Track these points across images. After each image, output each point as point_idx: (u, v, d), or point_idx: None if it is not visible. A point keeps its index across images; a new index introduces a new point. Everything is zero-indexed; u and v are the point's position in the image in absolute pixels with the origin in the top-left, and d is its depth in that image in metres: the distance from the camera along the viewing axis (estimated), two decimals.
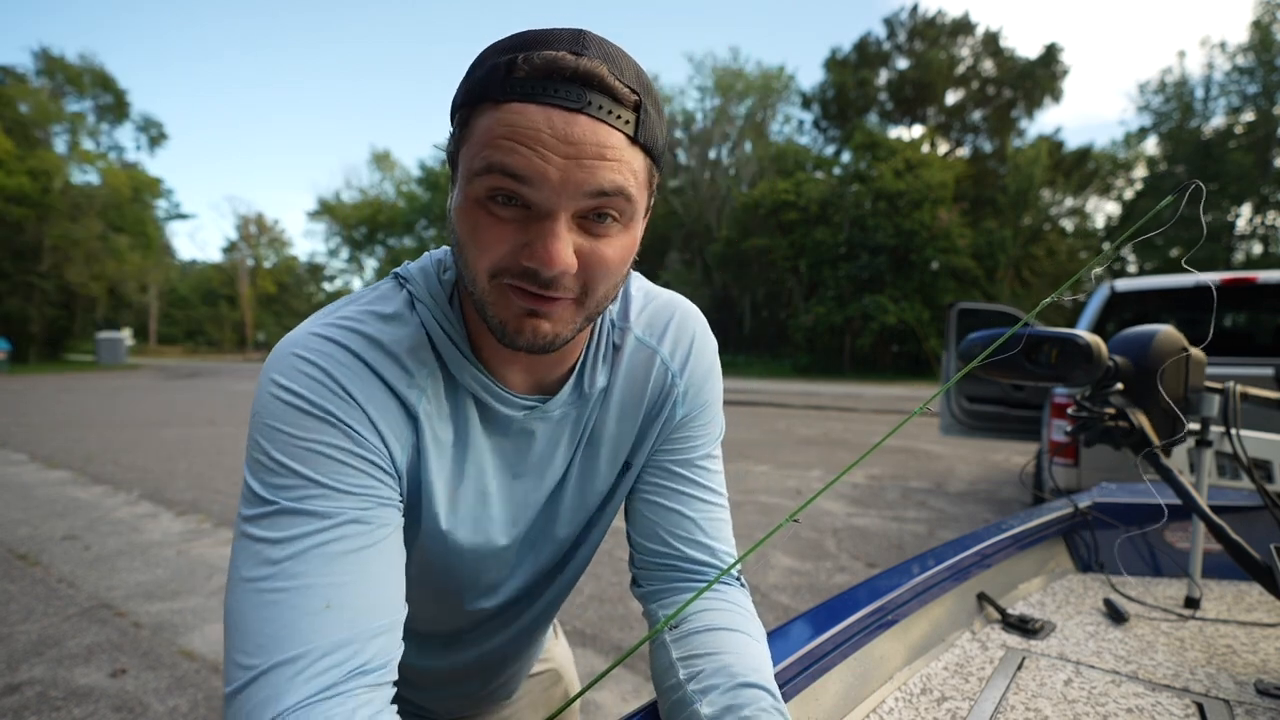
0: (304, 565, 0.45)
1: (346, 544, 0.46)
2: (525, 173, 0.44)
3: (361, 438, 0.50)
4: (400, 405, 0.53)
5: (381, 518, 0.49)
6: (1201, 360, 0.91)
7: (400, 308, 0.55)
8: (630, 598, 3.19)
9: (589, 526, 0.69)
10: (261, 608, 0.44)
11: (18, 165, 27.81)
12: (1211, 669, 0.73)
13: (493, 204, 0.46)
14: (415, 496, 0.56)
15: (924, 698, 0.67)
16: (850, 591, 0.79)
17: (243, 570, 0.45)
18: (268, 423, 0.48)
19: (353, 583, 0.46)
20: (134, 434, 8.77)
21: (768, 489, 5.66)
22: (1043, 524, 1.08)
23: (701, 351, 0.67)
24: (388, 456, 0.52)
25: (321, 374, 0.49)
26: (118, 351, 34.52)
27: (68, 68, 34.88)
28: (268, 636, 0.43)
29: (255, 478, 0.48)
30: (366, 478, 0.49)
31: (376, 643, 0.46)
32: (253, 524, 0.46)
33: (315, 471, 0.47)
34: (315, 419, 0.48)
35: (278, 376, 0.49)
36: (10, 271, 29.60)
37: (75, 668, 2.46)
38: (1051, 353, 0.84)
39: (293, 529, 0.45)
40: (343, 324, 0.53)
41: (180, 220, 49.13)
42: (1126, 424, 0.86)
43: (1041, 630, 0.82)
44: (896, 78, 33.48)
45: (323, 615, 0.44)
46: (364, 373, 0.51)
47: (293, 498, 0.46)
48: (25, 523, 4.45)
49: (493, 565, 0.64)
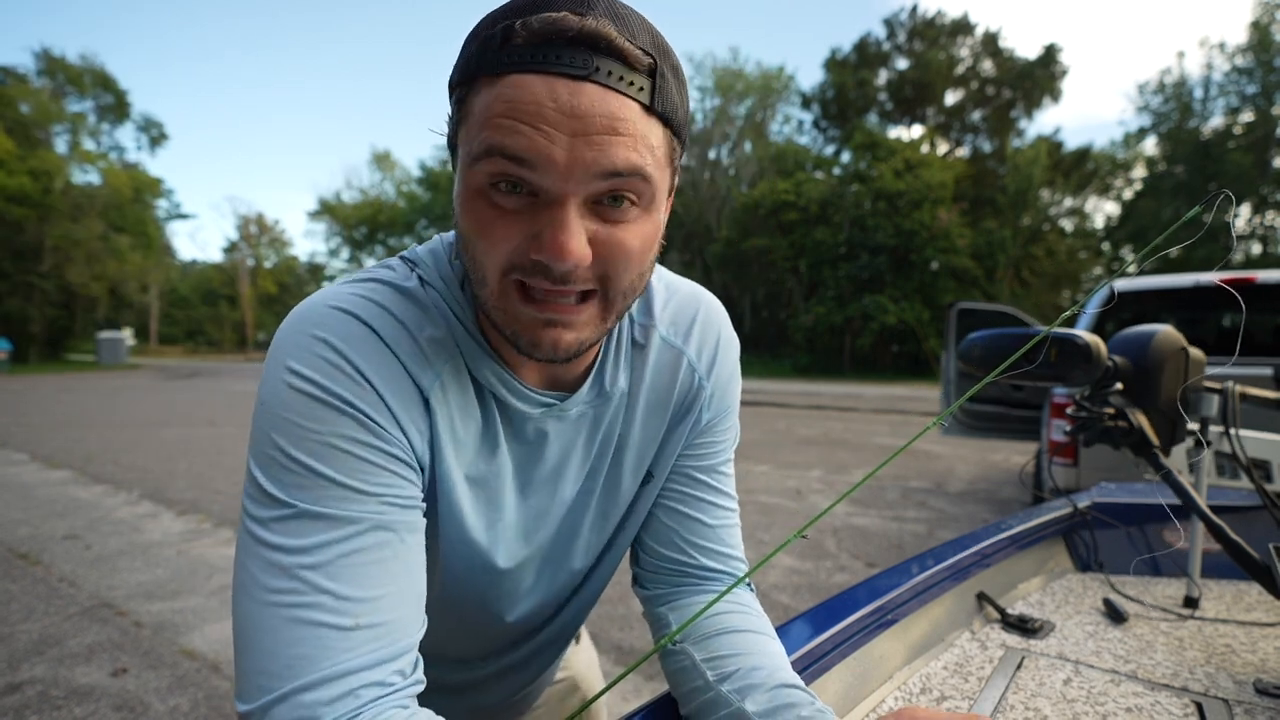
0: (329, 578, 0.41)
1: (373, 554, 0.43)
2: (528, 155, 0.39)
3: (381, 429, 0.45)
4: (415, 390, 0.48)
5: (406, 522, 0.46)
6: (1201, 360, 0.91)
7: (416, 286, 0.50)
8: (631, 598, 3.19)
9: (609, 545, 0.65)
10: (287, 624, 0.40)
11: (19, 165, 27.82)
12: (1210, 668, 0.73)
13: (495, 192, 0.41)
14: (431, 496, 0.52)
15: (923, 697, 0.68)
16: (850, 591, 0.79)
17: (260, 578, 0.41)
18: (281, 414, 0.44)
19: (381, 596, 0.43)
20: (134, 434, 8.77)
21: (768, 489, 5.66)
22: (1042, 524, 1.08)
23: (727, 351, 0.64)
24: (408, 447, 0.48)
25: (337, 356, 0.44)
26: (118, 351, 34.51)
27: (68, 68, 34.88)
28: (295, 656, 0.40)
29: (268, 475, 0.43)
30: (389, 475, 0.45)
31: (406, 657, 0.43)
32: (267, 527, 0.42)
33: (336, 471, 0.43)
34: (333, 410, 0.44)
35: (291, 361, 0.44)
36: (11, 271, 29.60)
37: (76, 667, 2.46)
38: (1051, 352, 0.84)
39: (314, 535, 0.42)
40: (360, 294, 0.48)
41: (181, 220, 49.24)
42: (1126, 424, 0.86)
43: (1041, 630, 0.82)
44: (896, 78, 33.49)
45: (353, 635, 0.41)
46: (379, 351, 0.46)
47: (312, 499, 0.42)
48: (26, 522, 4.45)
49: (503, 583, 0.59)
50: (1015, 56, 31.87)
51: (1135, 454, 0.86)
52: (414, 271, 0.51)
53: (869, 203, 27.74)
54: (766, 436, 8.92)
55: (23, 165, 28.08)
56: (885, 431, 9.44)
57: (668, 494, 0.63)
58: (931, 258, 26.65)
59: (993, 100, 32.32)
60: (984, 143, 32.92)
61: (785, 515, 4.78)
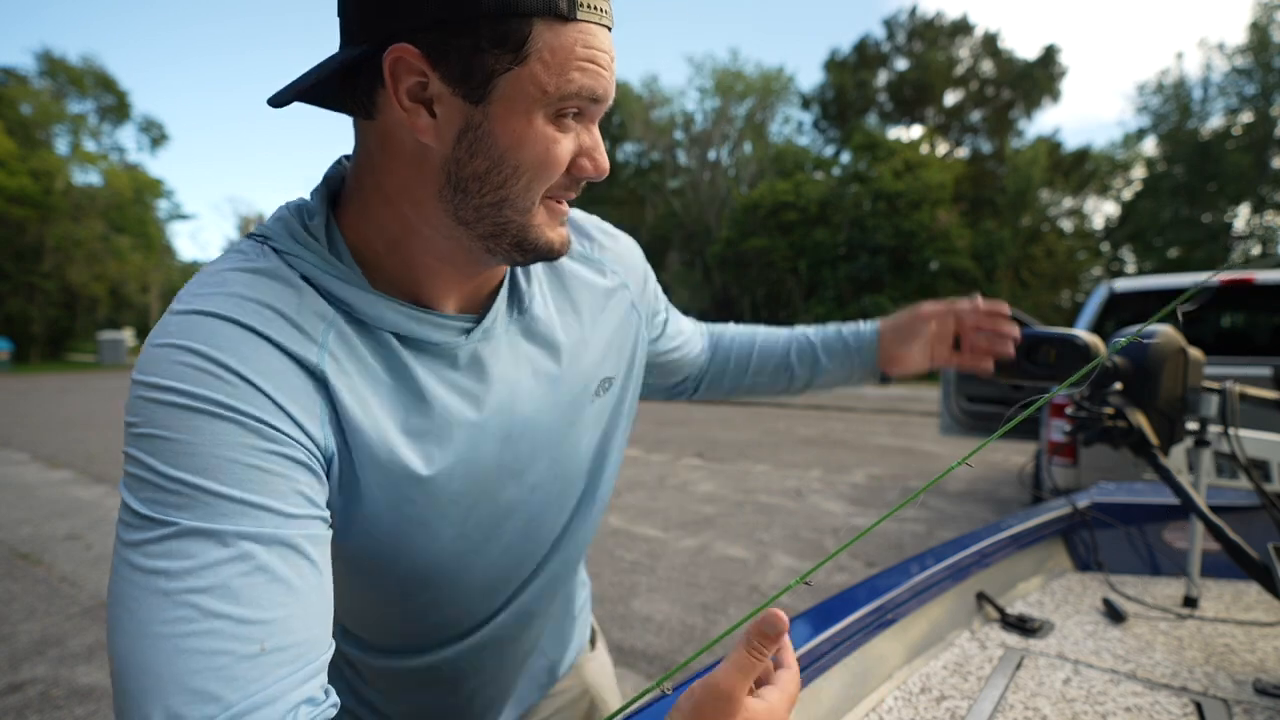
0: (224, 600, 0.36)
1: (272, 570, 0.38)
2: (605, 94, 0.46)
3: (267, 427, 0.41)
4: (302, 371, 0.44)
5: (307, 534, 0.41)
6: (1200, 360, 0.91)
7: (274, 262, 0.46)
8: (631, 598, 3.20)
9: (597, 465, 0.66)
10: (179, 656, 0.35)
11: (20, 166, 27.83)
12: (1210, 668, 0.73)
13: (565, 121, 0.46)
14: (360, 468, 0.47)
15: (923, 697, 0.68)
16: (849, 591, 0.79)
17: (142, 611, 0.36)
18: (146, 431, 0.39)
19: (287, 616, 0.38)
20: None
21: (768, 489, 5.66)
22: (1042, 523, 1.08)
23: (629, 248, 0.71)
24: (305, 442, 0.43)
25: (198, 358, 0.40)
26: (119, 352, 34.47)
27: (69, 69, 34.85)
28: (195, 690, 0.35)
29: (140, 499, 0.38)
30: (281, 480, 0.41)
31: (318, 678, 0.40)
32: (143, 551, 0.37)
33: (219, 483, 0.38)
34: (205, 415, 0.39)
35: (146, 376, 0.40)
36: (12, 272, 29.61)
37: (77, 666, 2.46)
38: (1050, 353, 0.84)
39: (202, 555, 0.37)
40: (208, 292, 0.43)
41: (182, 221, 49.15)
42: (1125, 424, 0.86)
43: (1040, 629, 0.82)
44: (896, 79, 33.48)
45: (258, 660, 0.36)
46: (250, 341, 0.42)
47: (196, 516, 0.38)
48: (27, 522, 4.45)
49: (474, 519, 0.56)
50: (1015, 57, 31.88)
51: (1135, 454, 0.86)
52: (265, 244, 0.47)
53: (868, 203, 27.73)
54: (766, 436, 8.92)
55: (24, 166, 28.10)
56: (885, 432, 9.44)
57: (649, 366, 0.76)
58: (931, 258, 26.64)
59: (992, 101, 32.31)
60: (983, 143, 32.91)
61: (785, 515, 4.78)
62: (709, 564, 3.74)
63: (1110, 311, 4.02)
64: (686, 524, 4.51)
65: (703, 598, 3.22)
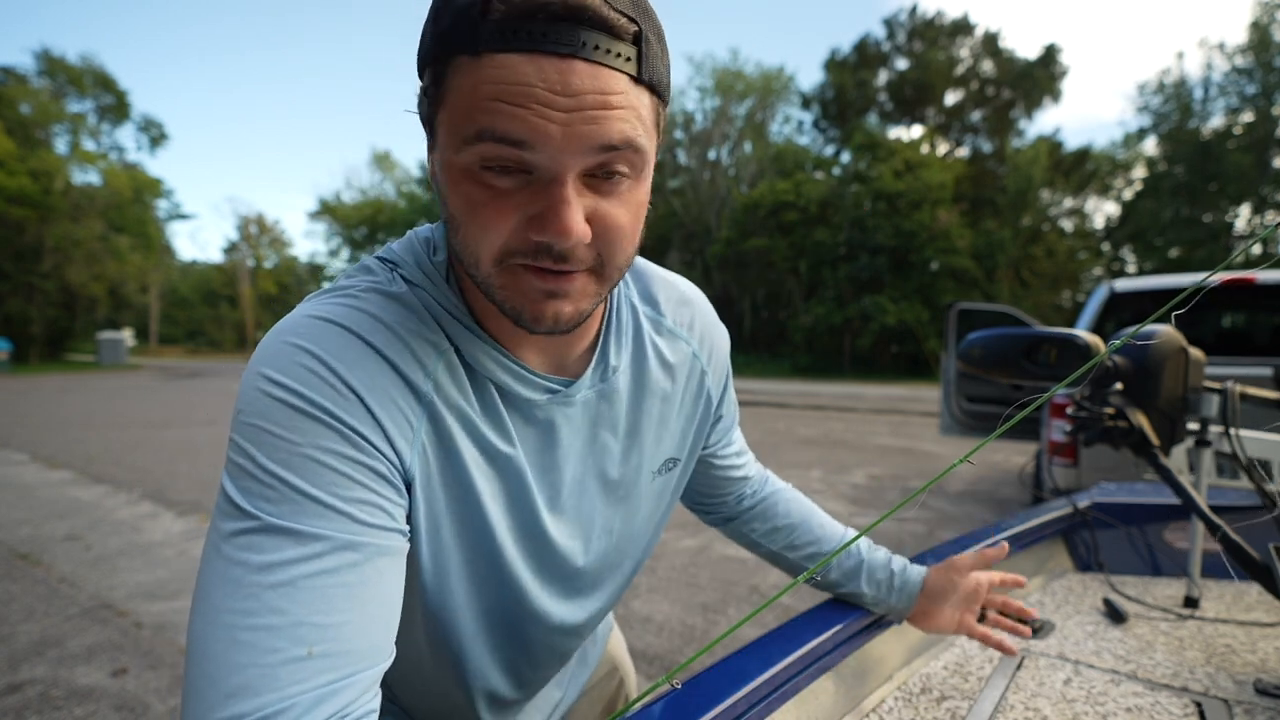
0: (288, 599, 0.38)
1: (339, 576, 0.39)
2: (523, 136, 0.38)
3: (364, 441, 0.43)
4: (410, 393, 0.46)
5: (381, 545, 0.42)
6: (1201, 360, 0.91)
7: (403, 289, 0.48)
8: (630, 598, 3.20)
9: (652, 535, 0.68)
10: (234, 647, 0.36)
11: (19, 166, 27.82)
12: (1210, 668, 0.73)
13: (488, 174, 0.40)
14: (447, 504, 0.49)
15: (923, 697, 0.68)
16: None
17: (216, 594, 0.38)
18: (254, 422, 0.41)
19: (342, 624, 0.39)
20: (135, 434, 8.77)
21: None
22: (1042, 524, 1.08)
23: (722, 340, 0.70)
24: (395, 463, 0.45)
25: (318, 364, 0.42)
26: (119, 352, 34.51)
27: (69, 68, 34.87)
28: (237, 685, 0.36)
29: (237, 486, 0.41)
30: (367, 492, 0.42)
31: (361, 695, 0.39)
32: (230, 541, 0.39)
33: (309, 484, 0.40)
34: (311, 419, 0.41)
35: (267, 369, 0.42)
36: (11, 272, 29.61)
37: (76, 667, 2.46)
38: (1050, 353, 0.84)
39: (277, 552, 0.38)
40: (342, 302, 0.46)
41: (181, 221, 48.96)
42: (1125, 424, 0.86)
43: (1041, 630, 0.82)
44: (896, 78, 33.47)
45: (304, 664, 0.37)
46: (368, 357, 0.44)
47: (280, 513, 0.39)
48: (27, 523, 4.45)
49: (538, 560, 0.57)
50: (1015, 57, 31.86)
51: (1135, 454, 0.86)
52: (395, 273, 0.49)
53: (869, 203, 27.73)
54: (766, 437, 8.92)
55: (23, 166, 28.09)
56: (885, 432, 9.44)
57: (700, 468, 0.74)
58: (931, 258, 26.64)
59: (992, 100, 32.31)
60: (984, 143, 32.92)
61: None
62: (709, 564, 3.74)
63: (1111, 311, 4.01)
64: (687, 524, 4.50)
65: (703, 598, 3.22)
